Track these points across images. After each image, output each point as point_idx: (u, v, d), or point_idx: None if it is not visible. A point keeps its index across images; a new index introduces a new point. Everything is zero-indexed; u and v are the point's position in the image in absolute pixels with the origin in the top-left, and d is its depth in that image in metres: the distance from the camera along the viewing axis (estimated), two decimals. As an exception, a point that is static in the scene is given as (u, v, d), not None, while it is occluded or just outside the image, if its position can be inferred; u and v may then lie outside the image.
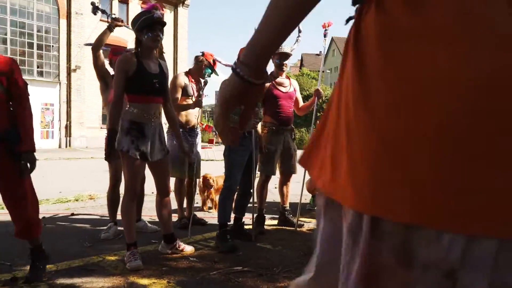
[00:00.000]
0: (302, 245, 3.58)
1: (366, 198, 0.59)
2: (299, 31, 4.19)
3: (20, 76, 2.56)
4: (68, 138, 19.04)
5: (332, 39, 50.81)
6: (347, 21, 0.82)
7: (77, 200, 5.49)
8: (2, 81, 2.47)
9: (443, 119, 0.52)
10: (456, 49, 0.52)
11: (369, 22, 0.62)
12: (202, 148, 15.92)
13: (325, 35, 4.29)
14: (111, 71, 3.78)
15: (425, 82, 0.54)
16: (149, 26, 2.92)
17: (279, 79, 4.18)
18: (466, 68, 0.51)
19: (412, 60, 0.55)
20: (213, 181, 5.06)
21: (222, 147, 4.37)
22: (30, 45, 18.56)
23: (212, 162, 12.74)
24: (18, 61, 11.98)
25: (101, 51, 3.77)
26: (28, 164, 2.52)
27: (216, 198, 4.95)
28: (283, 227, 4.23)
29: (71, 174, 8.44)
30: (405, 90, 0.55)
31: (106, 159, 3.13)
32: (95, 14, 4.07)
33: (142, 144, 2.93)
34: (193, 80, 4.11)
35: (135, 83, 2.93)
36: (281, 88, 4.15)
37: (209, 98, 43.63)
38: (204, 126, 19.66)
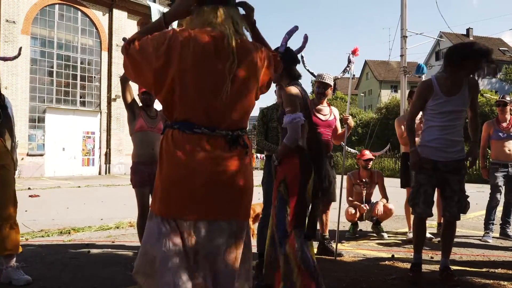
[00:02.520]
0: (343, 275, 3.51)
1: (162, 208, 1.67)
2: (349, 62, 4.23)
3: None
4: (107, 165, 19.67)
5: (366, 63, 50.57)
6: None
7: (117, 228, 5.62)
8: None
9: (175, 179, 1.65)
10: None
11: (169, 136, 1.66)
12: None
13: (349, 61, 4.29)
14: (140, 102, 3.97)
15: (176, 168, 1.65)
16: None
17: (319, 106, 4.20)
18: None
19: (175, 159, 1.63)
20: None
21: (259, 173, 4.40)
22: (74, 77, 19.52)
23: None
24: (62, 92, 12.71)
25: (129, 82, 3.86)
26: None
27: (254, 226, 5.00)
28: (323, 256, 4.16)
29: (111, 201, 8.68)
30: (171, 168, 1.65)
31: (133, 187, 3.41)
32: None
33: None
34: None
35: None
36: (319, 115, 4.16)
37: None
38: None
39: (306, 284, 2.47)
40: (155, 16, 22.78)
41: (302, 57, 3.73)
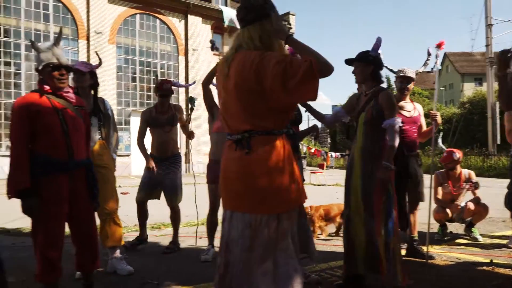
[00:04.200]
0: (436, 279, 3.34)
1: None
2: (429, 54, 4.04)
3: None
4: (187, 164, 20.58)
5: (446, 55, 47.54)
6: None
7: (203, 224, 5.84)
8: (82, 114, 2.80)
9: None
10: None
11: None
12: (312, 172, 15.83)
13: (429, 53, 4.04)
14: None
15: None
16: None
17: (401, 103, 4.05)
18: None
19: None
20: (311, 209, 5.03)
21: (333, 171, 4.33)
22: (154, 82, 20.65)
23: (324, 187, 12.64)
24: (145, 96, 13.42)
25: (210, 86, 4.06)
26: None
27: (321, 225, 5.11)
28: (413, 259, 3.99)
29: (193, 199, 9.05)
30: None
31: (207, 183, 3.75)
32: (212, 50, 4.46)
33: None
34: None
35: None
36: (403, 112, 4.01)
37: (315, 121, 43.56)
38: (313, 151, 19.62)
39: (404, 274, 3.01)
40: (227, 20, 23.55)
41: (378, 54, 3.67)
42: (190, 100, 4.66)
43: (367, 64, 3.17)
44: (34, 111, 2.52)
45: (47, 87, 2.61)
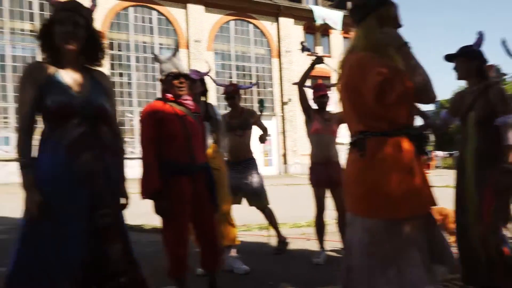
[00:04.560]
0: None
1: None
2: None
3: None
4: (284, 165, 20.78)
5: None
6: None
7: (309, 226, 5.80)
8: (199, 119, 2.88)
9: None
10: None
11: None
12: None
13: None
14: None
15: None
16: None
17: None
18: None
19: None
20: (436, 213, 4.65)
21: (440, 172, 3.98)
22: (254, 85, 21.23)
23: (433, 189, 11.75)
24: (245, 100, 13.60)
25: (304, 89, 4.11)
26: None
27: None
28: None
29: (295, 200, 9.10)
30: None
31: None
32: (302, 52, 4.41)
33: None
34: None
35: None
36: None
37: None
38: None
39: None
40: (318, 19, 23.30)
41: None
42: (260, 103, 4.64)
43: (470, 59, 2.92)
44: (159, 117, 2.69)
45: (169, 95, 2.78)
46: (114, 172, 2.09)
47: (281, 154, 20.97)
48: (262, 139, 4.38)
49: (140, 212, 3.07)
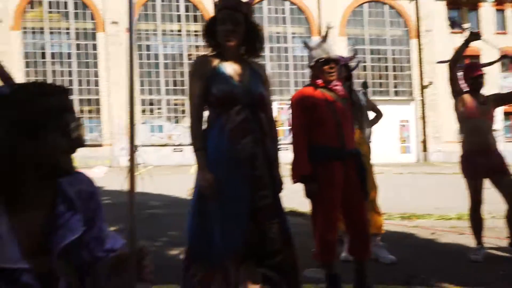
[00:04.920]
0: None
1: None
2: None
3: None
4: (424, 153, 19.39)
5: None
6: None
7: (459, 219, 5.32)
8: (348, 104, 2.88)
9: None
10: None
11: None
12: None
13: None
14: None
15: None
16: None
17: None
18: None
19: None
20: None
21: None
22: (385, 69, 20.23)
23: None
24: (377, 84, 13.41)
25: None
26: None
27: None
28: None
29: (438, 190, 8.44)
30: None
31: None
32: (453, 28, 3.97)
33: None
34: None
35: None
36: None
37: None
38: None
39: None
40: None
41: None
42: (363, 85, 4.32)
43: None
44: (310, 103, 2.73)
45: (319, 81, 2.80)
46: (272, 156, 2.21)
47: (420, 140, 19.60)
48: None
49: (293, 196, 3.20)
